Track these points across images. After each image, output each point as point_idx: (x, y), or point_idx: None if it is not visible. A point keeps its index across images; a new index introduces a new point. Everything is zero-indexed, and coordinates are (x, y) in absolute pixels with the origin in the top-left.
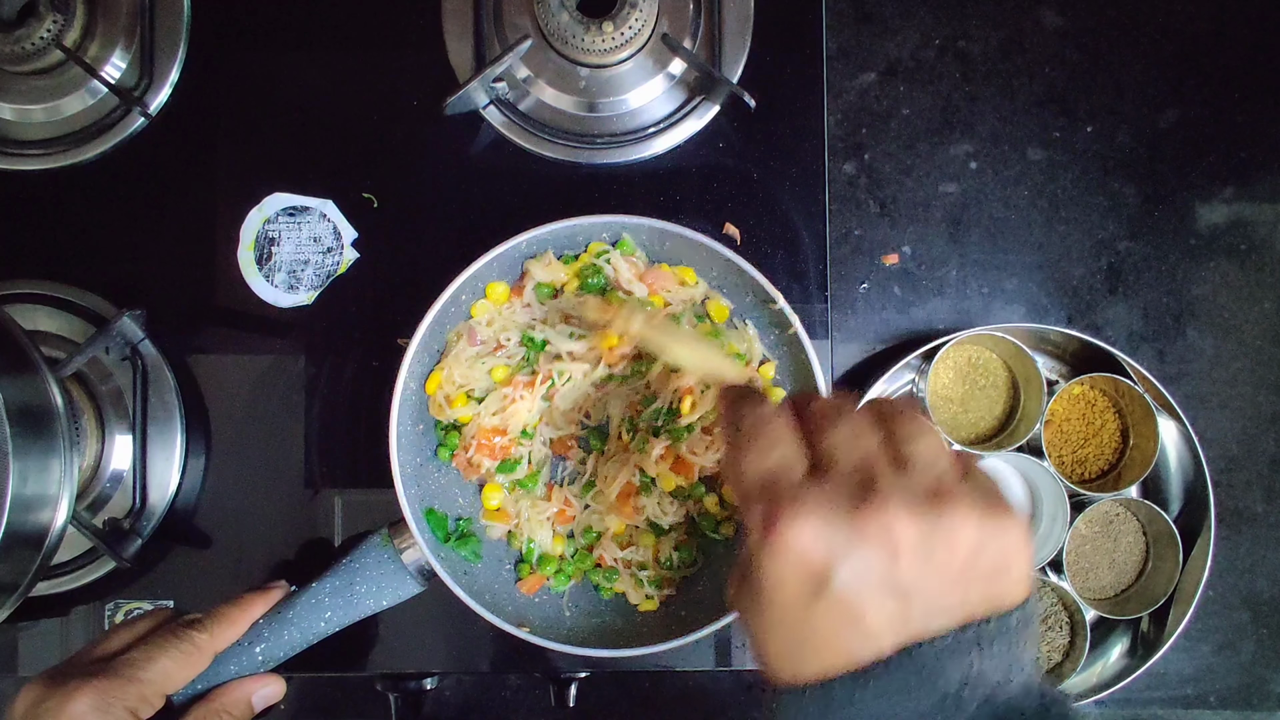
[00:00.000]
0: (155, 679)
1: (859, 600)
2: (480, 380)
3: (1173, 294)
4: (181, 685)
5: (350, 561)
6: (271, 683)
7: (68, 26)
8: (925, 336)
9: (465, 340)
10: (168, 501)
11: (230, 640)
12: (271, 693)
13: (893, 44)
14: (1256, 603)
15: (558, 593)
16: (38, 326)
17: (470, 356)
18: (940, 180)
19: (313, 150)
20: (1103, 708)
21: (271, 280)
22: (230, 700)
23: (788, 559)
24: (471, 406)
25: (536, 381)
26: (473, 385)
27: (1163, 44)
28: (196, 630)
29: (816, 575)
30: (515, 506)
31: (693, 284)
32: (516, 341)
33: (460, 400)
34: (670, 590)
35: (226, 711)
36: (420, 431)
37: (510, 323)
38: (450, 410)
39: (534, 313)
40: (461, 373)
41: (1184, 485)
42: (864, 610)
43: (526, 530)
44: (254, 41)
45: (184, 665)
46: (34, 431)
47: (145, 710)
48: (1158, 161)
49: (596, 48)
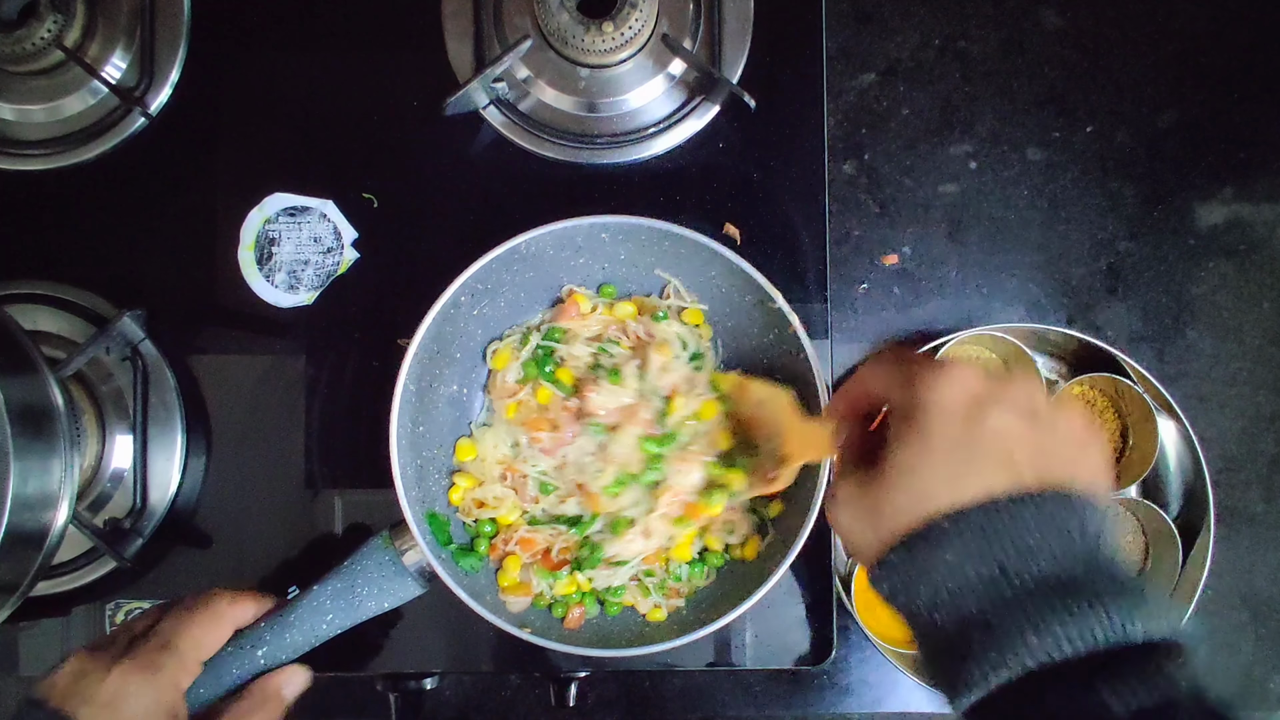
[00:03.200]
0: (188, 647)
1: (1009, 435)
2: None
3: (1172, 294)
4: (211, 652)
5: (351, 564)
6: (299, 673)
7: (68, 27)
8: (925, 337)
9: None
10: (168, 501)
11: (248, 609)
12: (301, 682)
13: (892, 44)
14: (1255, 602)
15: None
16: (38, 326)
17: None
18: (940, 180)
19: (313, 150)
20: None
21: (272, 280)
22: (262, 696)
23: (959, 386)
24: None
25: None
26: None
27: (1162, 44)
28: (217, 596)
29: (980, 406)
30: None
31: (703, 329)
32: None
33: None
34: (679, 601)
35: (260, 709)
36: (421, 432)
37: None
38: (478, 511)
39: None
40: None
41: (1183, 485)
42: (1011, 446)
43: (550, 595)
44: (254, 41)
45: (211, 630)
46: (35, 431)
47: (185, 679)
48: (1157, 162)
49: (596, 48)
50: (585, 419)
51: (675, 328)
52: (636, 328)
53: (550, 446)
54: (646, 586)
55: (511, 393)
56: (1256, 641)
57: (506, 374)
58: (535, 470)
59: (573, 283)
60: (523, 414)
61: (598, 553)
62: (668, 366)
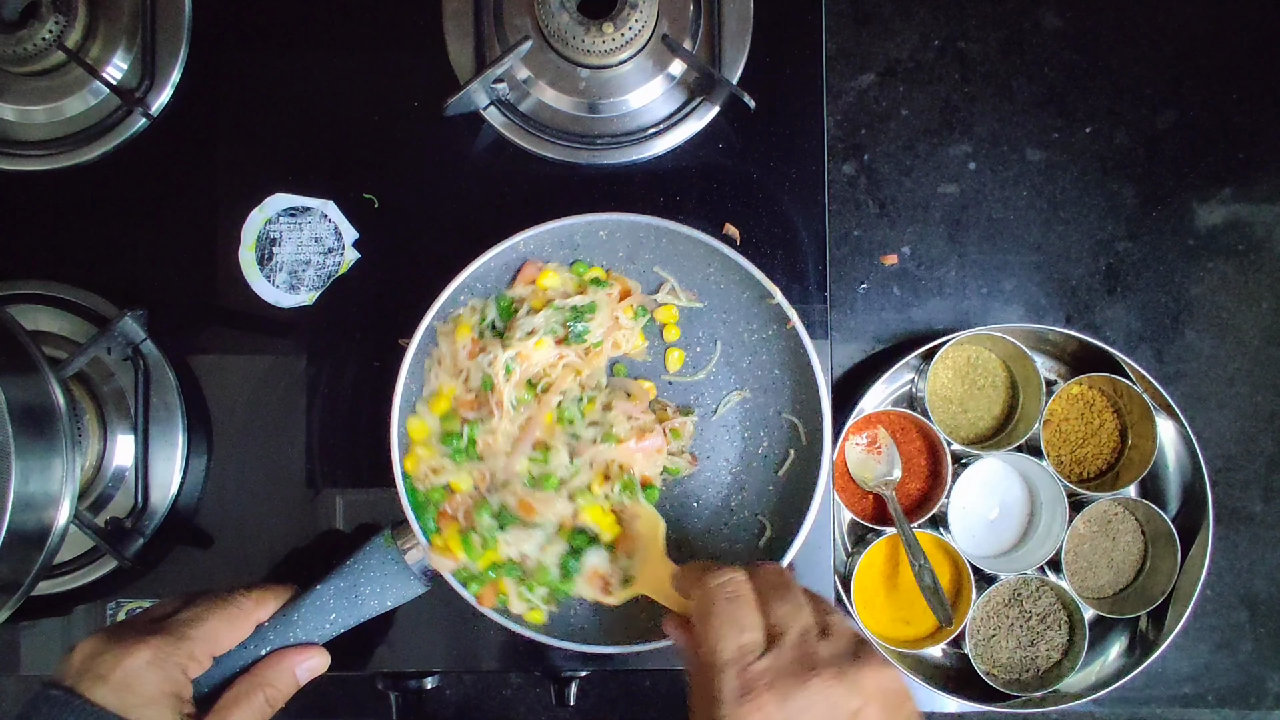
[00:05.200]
0: (204, 638)
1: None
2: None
3: (1171, 294)
4: (228, 647)
5: (354, 563)
6: (316, 654)
7: (69, 28)
8: (924, 337)
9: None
10: (169, 501)
11: (271, 610)
12: (316, 664)
13: (892, 45)
14: (1254, 602)
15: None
16: (40, 327)
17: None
18: (939, 181)
19: (314, 151)
20: (1101, 706)
21: (273, 280)
22: (273, 673)
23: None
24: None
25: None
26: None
27: (1161, 45)
28: (241, 595)
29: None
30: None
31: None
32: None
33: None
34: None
35: (270, 685)
36: None
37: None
38: (433, 479)
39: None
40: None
41: (1182, 485)
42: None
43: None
44: (255, 42)
45: (230, 627)
46: (36, 431)
47: (194, 669)
48: (1156, 162)
49: (597, 49)
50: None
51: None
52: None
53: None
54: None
55: (459, 371)
56: (1255, 640)
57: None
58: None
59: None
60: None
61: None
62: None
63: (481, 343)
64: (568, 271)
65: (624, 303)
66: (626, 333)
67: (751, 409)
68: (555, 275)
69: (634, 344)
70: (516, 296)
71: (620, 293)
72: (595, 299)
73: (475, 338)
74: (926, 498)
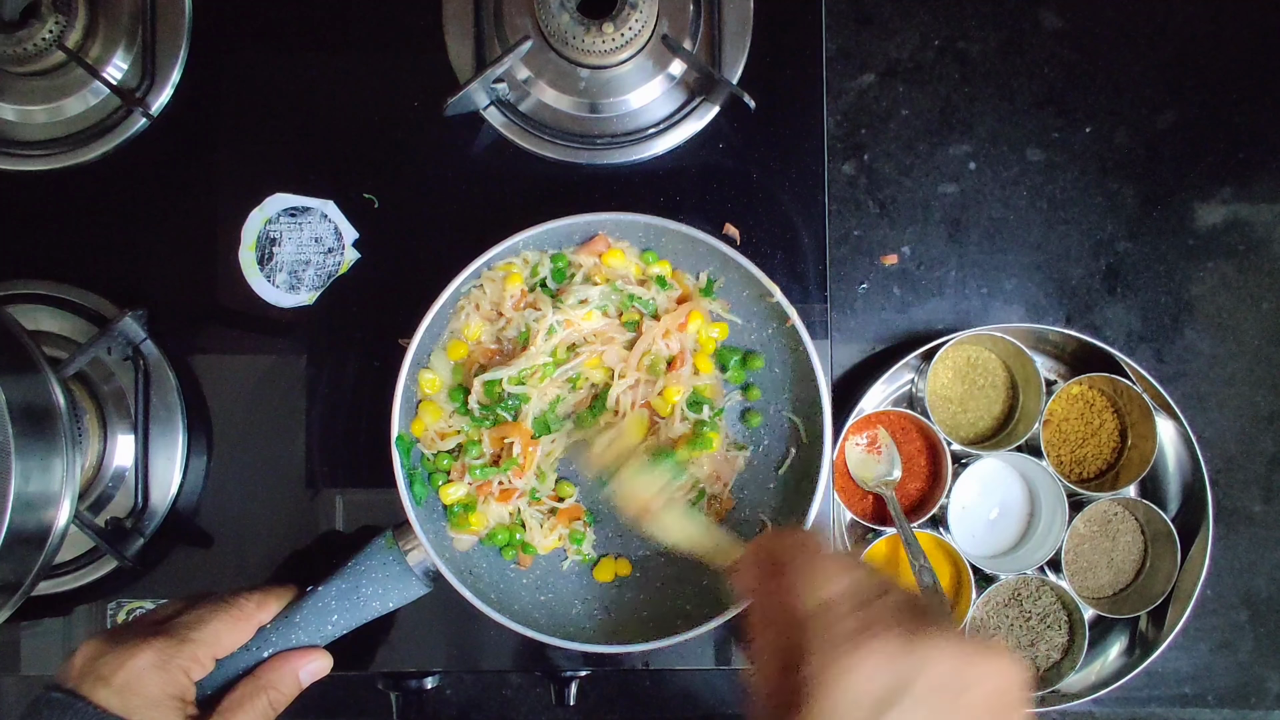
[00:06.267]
0: (207, 640)
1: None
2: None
3: (1171, 294)
4: (230, 649)
5: (355, 564)
6: (319, 657)
7: (69, 27)
8: (924, 336)
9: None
10: (169, 501)
11: (273, 612)
12: (319, 667)
13: (892, 45)
14: (1254, 602)
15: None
16: (40, 326)
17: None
18: (939, 181)
19: (314, 151)
20: (1101, 706)
21: (273, 280)
22: (277, 676)
23: (862, 679)
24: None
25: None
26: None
27: (1161, 45)
28: (244, 597)
29: (883, 700)
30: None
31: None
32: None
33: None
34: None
35: (273, 687)
36: None
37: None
38: (440, 443)
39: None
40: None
41: (1182, 485)
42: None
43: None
44: (255, 42)
45: (233, 629)
46: (36, 431)
47: (197, 671)
48: (1156, 162)
49: (597, 49)
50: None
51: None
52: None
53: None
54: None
55: (498, 317)
56: (1255, 640)
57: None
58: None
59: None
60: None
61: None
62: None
63: (531, 297)
64: (636, 257)
65: (683, 312)
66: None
67: (752, 408)
68: (622, 256)
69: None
70: (575, 261)
71: (680, 296)
72: (657, 300)
73: (525, 289)
74: (926, 498)
